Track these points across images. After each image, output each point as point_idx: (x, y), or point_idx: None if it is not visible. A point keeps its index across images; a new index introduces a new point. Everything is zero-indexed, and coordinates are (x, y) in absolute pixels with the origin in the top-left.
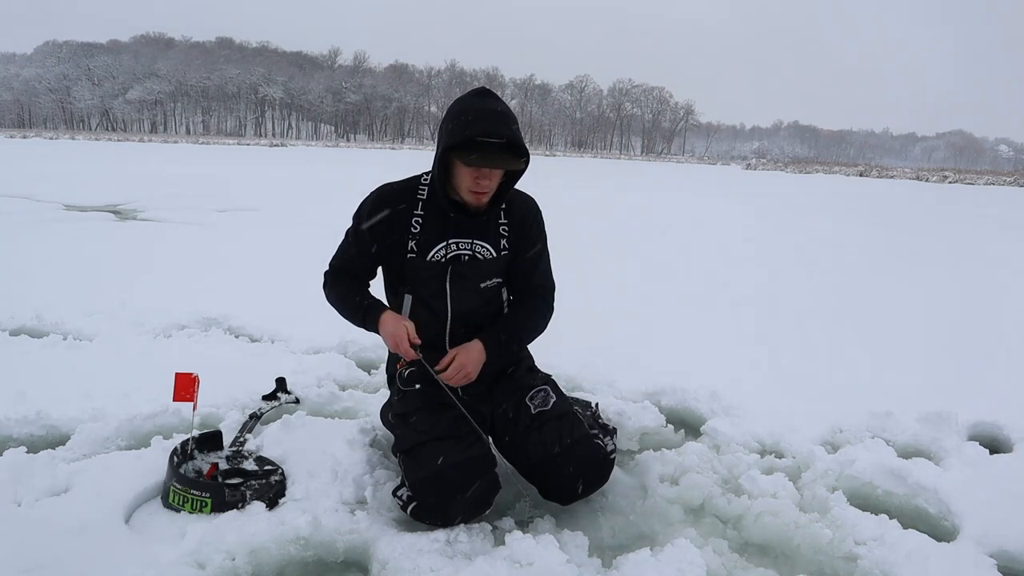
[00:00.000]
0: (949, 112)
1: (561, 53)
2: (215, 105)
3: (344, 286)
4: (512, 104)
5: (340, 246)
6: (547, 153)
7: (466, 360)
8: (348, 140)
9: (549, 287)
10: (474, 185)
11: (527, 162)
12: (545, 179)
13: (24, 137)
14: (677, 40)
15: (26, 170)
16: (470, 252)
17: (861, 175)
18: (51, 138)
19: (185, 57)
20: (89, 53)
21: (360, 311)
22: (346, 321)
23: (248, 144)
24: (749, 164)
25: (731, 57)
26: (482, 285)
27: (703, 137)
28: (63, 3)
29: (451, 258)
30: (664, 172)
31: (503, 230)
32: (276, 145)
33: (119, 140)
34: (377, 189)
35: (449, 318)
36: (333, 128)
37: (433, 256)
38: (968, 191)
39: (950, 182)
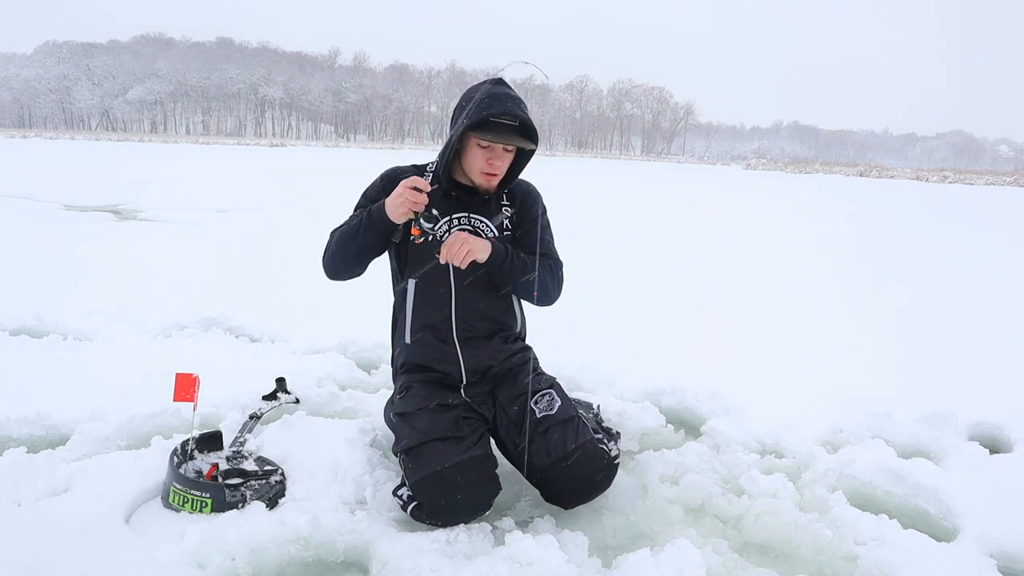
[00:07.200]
0: (949, 112)
1: (561, 53)
2: (215, 105)
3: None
4: None
5: (344, 221)
6: (547, 153)
7: (459, 237)
8: (348, 140)
9: (554, 258)
10: (486, 166)
11: (536, 144)
12: (544, 177)
13: (24, 137)
14: (677, 40)
15: (26, 170)
16: (470, 228)
17: (861, 175)
18: (51, 138)
19: (185, 57)
20: (89, 53)
21: (361, 217)
22: (353, 254)
23: (248, 144)
24: (749, 164)
25: (731, 57)
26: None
27: (703, 137)
28: (63, 3)
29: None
30: (664, 172)
31: (505, 211)
32: (276, 145)
33: (119, 140)
34: (386, 171)
35: (453, 300)
36: (333, 128)
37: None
38: (968, 191)
39: (950, 182)
